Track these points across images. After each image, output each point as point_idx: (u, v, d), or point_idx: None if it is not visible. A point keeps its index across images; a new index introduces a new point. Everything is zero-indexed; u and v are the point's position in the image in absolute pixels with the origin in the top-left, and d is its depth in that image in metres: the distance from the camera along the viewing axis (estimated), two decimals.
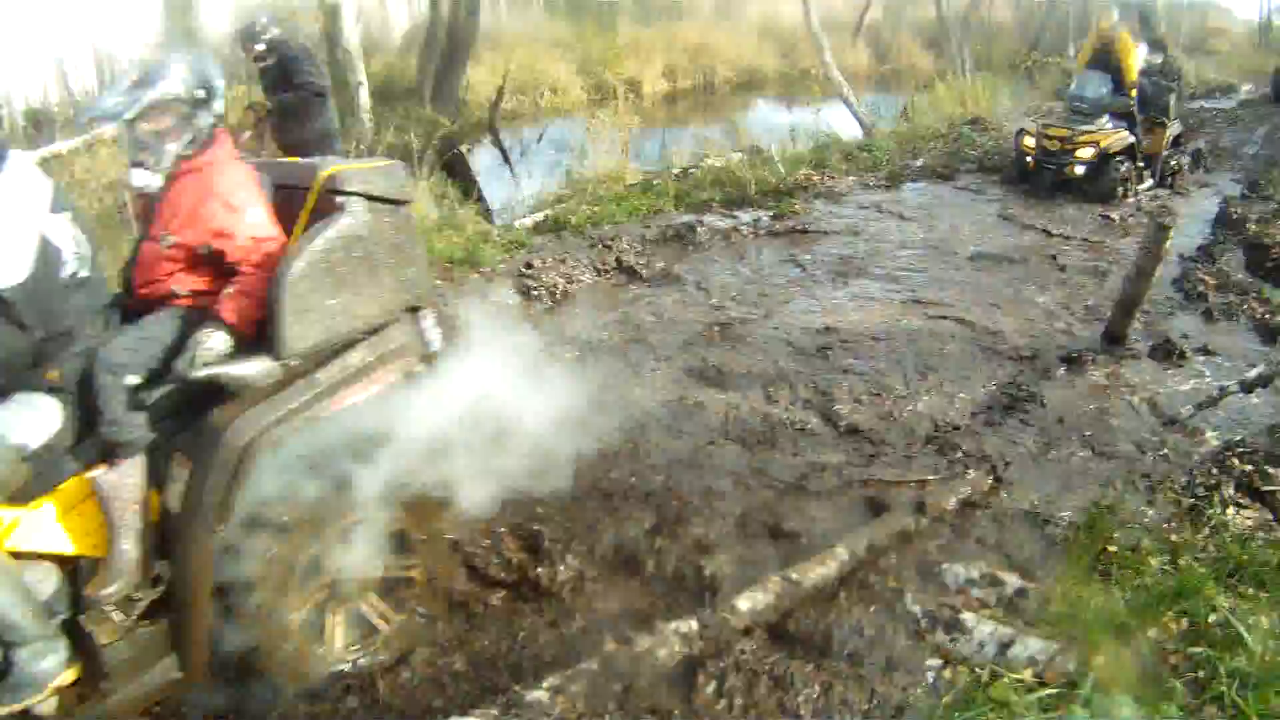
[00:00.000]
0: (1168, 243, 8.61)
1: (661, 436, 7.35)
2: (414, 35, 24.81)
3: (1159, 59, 23.15)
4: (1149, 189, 15.57)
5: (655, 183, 14.63)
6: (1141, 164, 15.51)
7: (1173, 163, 16.15)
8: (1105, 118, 15.01)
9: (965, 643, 4.87)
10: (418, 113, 19.04)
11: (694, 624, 4.80)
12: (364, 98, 17.19)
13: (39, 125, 21.40)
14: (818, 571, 5.30)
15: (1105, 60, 15.51)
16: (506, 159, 19.68)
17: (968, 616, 5.01)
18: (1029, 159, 15.51)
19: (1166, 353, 8.83)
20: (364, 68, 17.74)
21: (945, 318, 9.79)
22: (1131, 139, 15.06)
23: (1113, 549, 5.66)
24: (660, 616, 4.97)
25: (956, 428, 7.47)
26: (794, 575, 5.21)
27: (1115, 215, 14.13)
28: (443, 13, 20.21)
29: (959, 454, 7.00)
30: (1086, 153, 14.75)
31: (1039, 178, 15.46)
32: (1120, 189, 14.91)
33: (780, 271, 11.29)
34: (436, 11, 20.77)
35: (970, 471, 6.60)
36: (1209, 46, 38.19)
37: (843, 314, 9.92)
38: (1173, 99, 15.72)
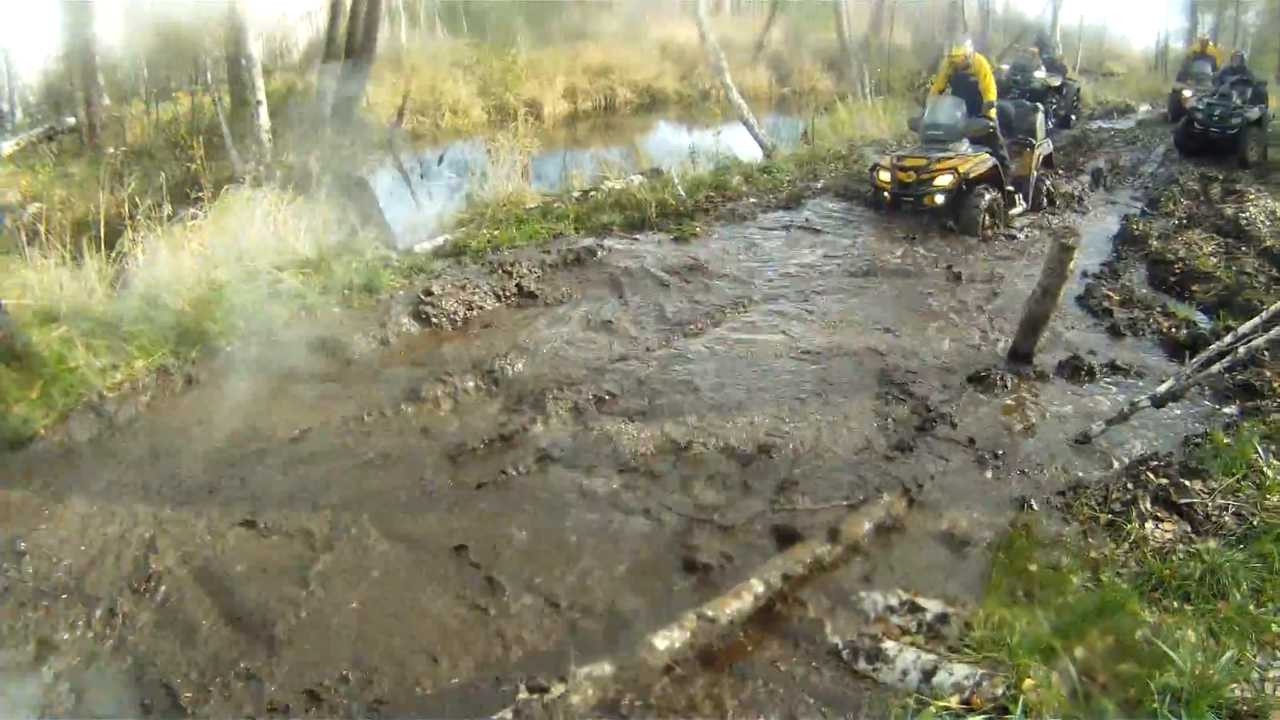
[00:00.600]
0: (1071, 262, 8.58)
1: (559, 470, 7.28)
2: (314, 53, 24.66)
3: (1057, 80, 23.77)
4: (1020, 213, 15.04)
5: (555, 206, 14.52)
6: (1011, 188, 14.91)
7: (1046, 183, 15.89)
8: (965, 143, 14.34)
9: (888, 671, 4.86)
10: (318, 133, 18.96)
11: (608, 667, 4.71)
12: (263, 117, 17.10)
13: None
14: (733, 606, 5.23)
15: (961, 84, 15.05)
16: (407, 181, 19.62)
17: (889, 645, 5.00)
18: (885, 194, 14.78)
19: (1074, 369, 8.90)
20: (264, 85, 17.63)
21: (849, 338, 9.79)
22: (994, 161, 14.37)
23: (1033, 568, 5.67)
24: (572, 660, 4.89)
25: (866, 450, 7.43)
26: (709, 612, 5.13)
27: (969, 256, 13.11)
28: (341, 30, 20.11)
29: (870, 478, 6.96)
30: (945, 180, 13.97)
31: (896, 207, 14.75)
32: (985, 218, 14.05)
33: (679, 297, 11.17)
34: (335, 29, 20.67)
35: (884, 495, 6.55)
36: (1106, 68, 38.92)
37: (744, 335, 9.92)
38: (1039, 118, 15.60)
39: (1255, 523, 6.08)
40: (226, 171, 15.66)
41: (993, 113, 14.63)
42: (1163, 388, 7.96)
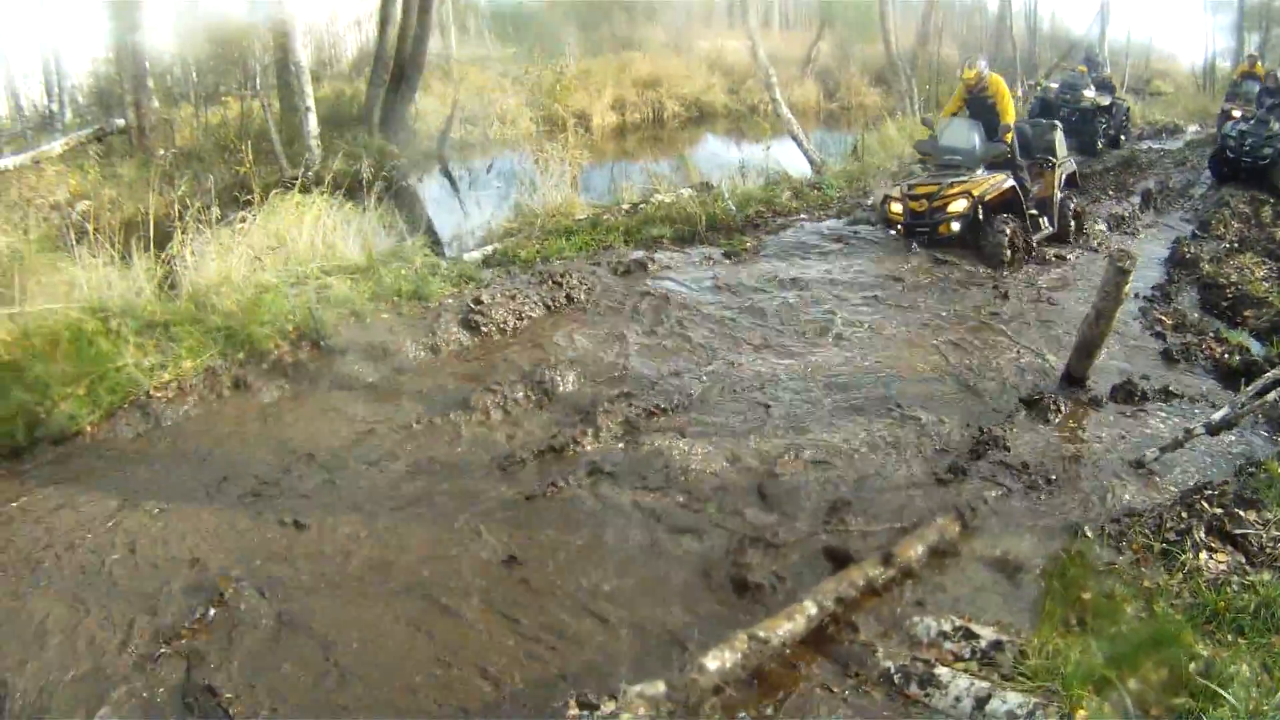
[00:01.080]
0: (1127, 285, 8.45)
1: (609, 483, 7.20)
2: (363, 60, 24.75)
3: (1107, 99, 23.44)
4: (1046, 236, 14.19)
5: (605, 218, 14.52)
6: (1034, 210, 14.03)
7: (1072, 204, 14.92)
8: (981, 170, 13.37)
9: (941, 698, 4.79)
10: (366, 140, 18.96)
11: (660, 686, 4.64)
12: (312, 123, 17.15)
13: None
14: (785, 627, 5.14)
15: (977, 106, 14.08)
16: (455, 189, 19.62)
17: (942, 671, 4.93)
18: (898, 226, 13.89)
19: (1128, 394, 8.75)
20: (312, 92, 17.66)
21: (900, 357, 9.68)
22: (1012, 183, 13.45)
23: (1087, 597, 5.57)
24: (624, 679, 4.82)
25: (918, 472, 7.34)
26: (761, 633, 5.04)
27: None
28: (391, 39, 20.15)
29: (923, 500, 6.87)
30: (959, 205, 13.15)
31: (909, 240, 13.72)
32: (1008, 250, 13.09)
33: (729, 312, 11.05)
34: (385, 37, 20.71)
35: (937, 518, 6.42)
36: (1154, 87, 38.48)
37: (796, 351, 9.81)
38: (1057, 135, 14.82)
39: None
40: (275, 176, 15.72)
41: (1010, 136, 13.70)
42: (1217, 415, 7.77)
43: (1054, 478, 7.24)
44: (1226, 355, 9.79)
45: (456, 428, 8.10)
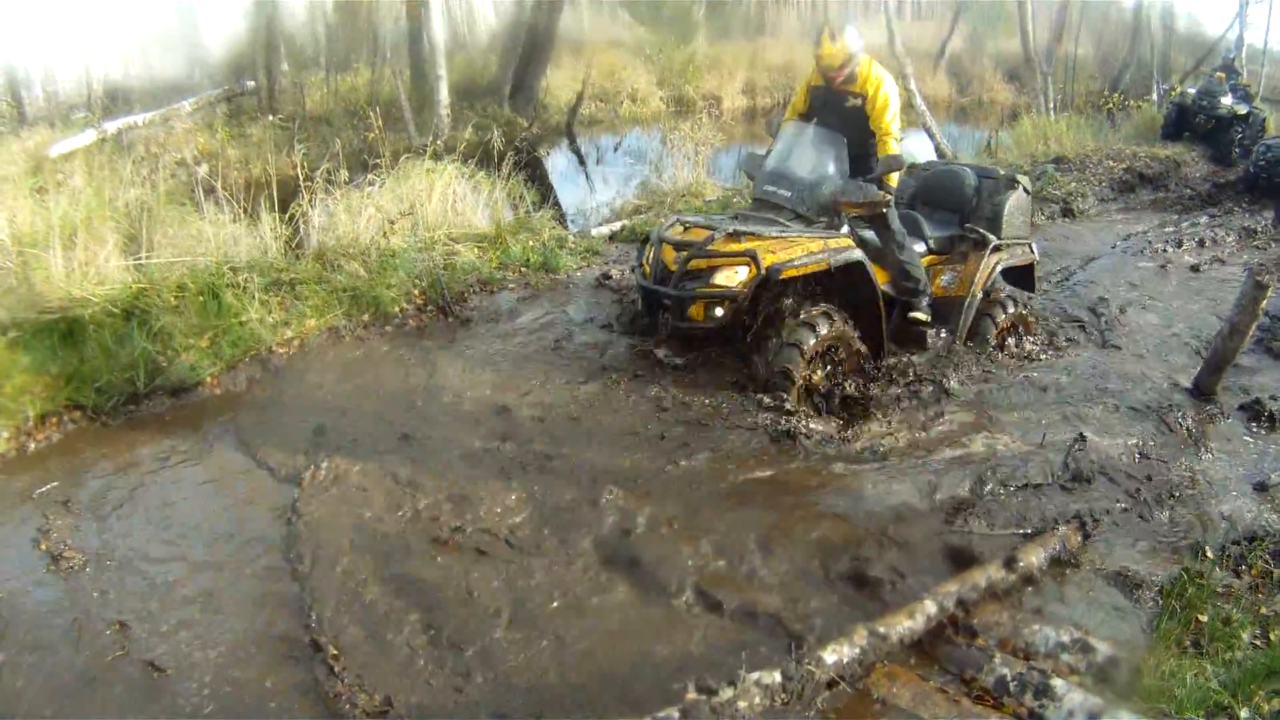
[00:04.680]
0: (1265, 300, 8.27)
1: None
2: (497, 34, 24.79)
3: (1244, 109, 22.58)
4: (928, 357, 9.05)
5: (735, 200, 14.27)
6: (921, 314, 9.02)
7: (1003, 314, 9.60)
8: (816, 224, 8.19)
9: (1055, 710, 4.66)
10: (496, 112, 18.95)
11: (777, 676, 4.58)
12: (443, 92, 17.22)
13: (115, 99, 21.78)
14: (905, 624, 5.08)
15: (836, 114, 8.53)
16: (583, 165, 19.58)
17: (1058, 683, 4.78)
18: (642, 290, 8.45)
19: (1255, 413, 8.48)
20: (445, 63, 17.72)
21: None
22: (858, 257, 8.10)
23: (1204, 619, 5.44)
24: (743, 665, 4.70)
25: (1042, 477, 7.11)
26: (880, 628, 4.99)
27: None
28: (525, 12, 20.16)
29: (1046, 507, 6.66)
30: (731, 275, 7.65)
31: (653, 325, 8.58)
32: (794, 382, 7.76)
33: None
34: (519, 12, 20.73)
35: (1060, 527, 6.26)
36: None
37: None
38: (1013, 200, 9.48)
39: None
40: (403, 143, 15.79)
41: (892, 177, 8.39)
42: None
43: (1177, 494, 7.06)
44: None
45: (591, 398, 8.00)
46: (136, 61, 23.79)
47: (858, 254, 8.16)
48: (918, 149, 18.94)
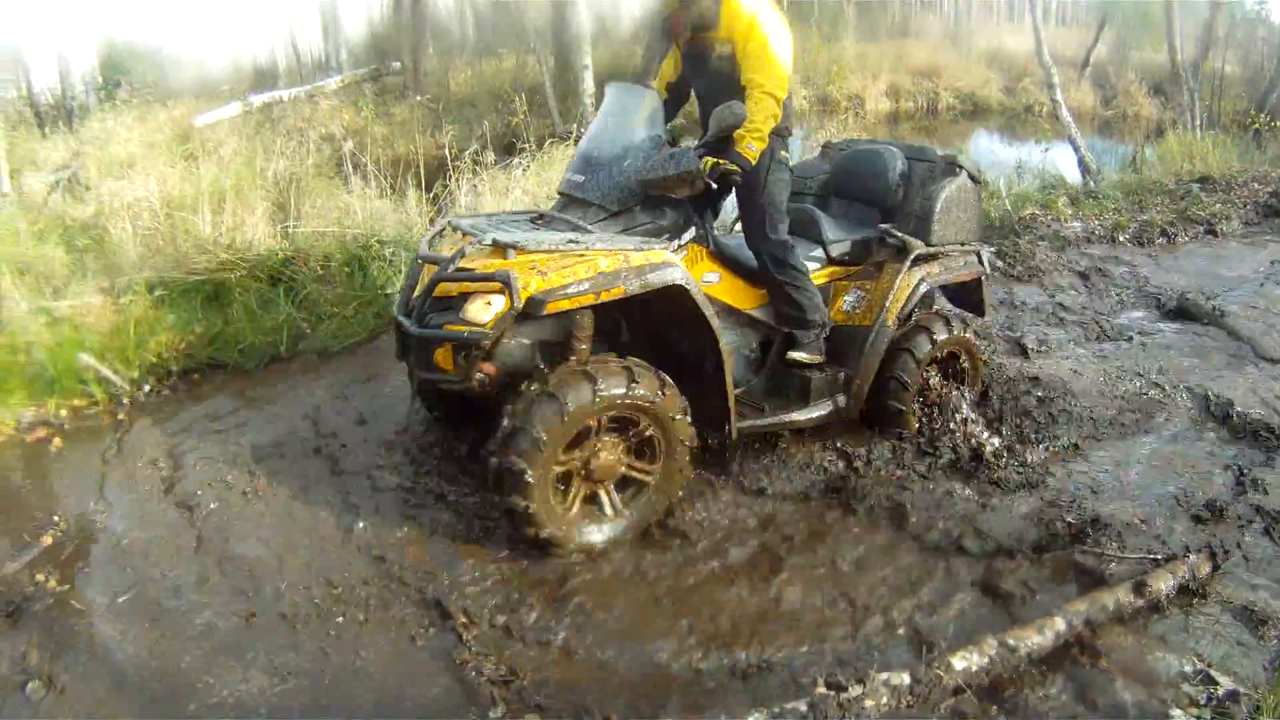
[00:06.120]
0: None
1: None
2: (640, 26, 24.81)
3: None
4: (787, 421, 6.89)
5: None
6: (800, 354, 6.86)
7: (921, 348, 7.31)
8: (624, 222, 6.21)
9: None
10: None
11: (906, 678, 4.62)
12: (588, 81, 17.31)
13: (260, 75, 22.34)
14: (1034, 639, 5.06)
15: (700, 67, 6.70)
16: None
17: (1177, 713, 4.75)
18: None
19: None
20: (590, 52, 17.83)
21: (1172, 378, 9.08)
22: (676, 278, 5.81)
23: None
24: (874, 665, 4.77)
25: (1177, 500, 6.95)
26: (1010, 640, 4.98)
27: None
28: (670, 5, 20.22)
29: (1178, 532, 6.52)
30: (479, 310, 5.52)
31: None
32: (523, 501, 5.54)
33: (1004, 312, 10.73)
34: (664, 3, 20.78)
35: (1190, 555, 6.08)
36: None
37: (1051, 365, 9.30)
38: (947, 189, 7.22)
39: None
40: (547, 128, 15.89)
41: (748, 140, 6.15)
42: None
43: None
44: None
45: None
46: (281, 40, 24.28)
47: (675, 274, 5.83)
48: (1061, 163, 18.62)
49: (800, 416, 6.88)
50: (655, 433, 5.94)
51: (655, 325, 6.33)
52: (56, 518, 6.24)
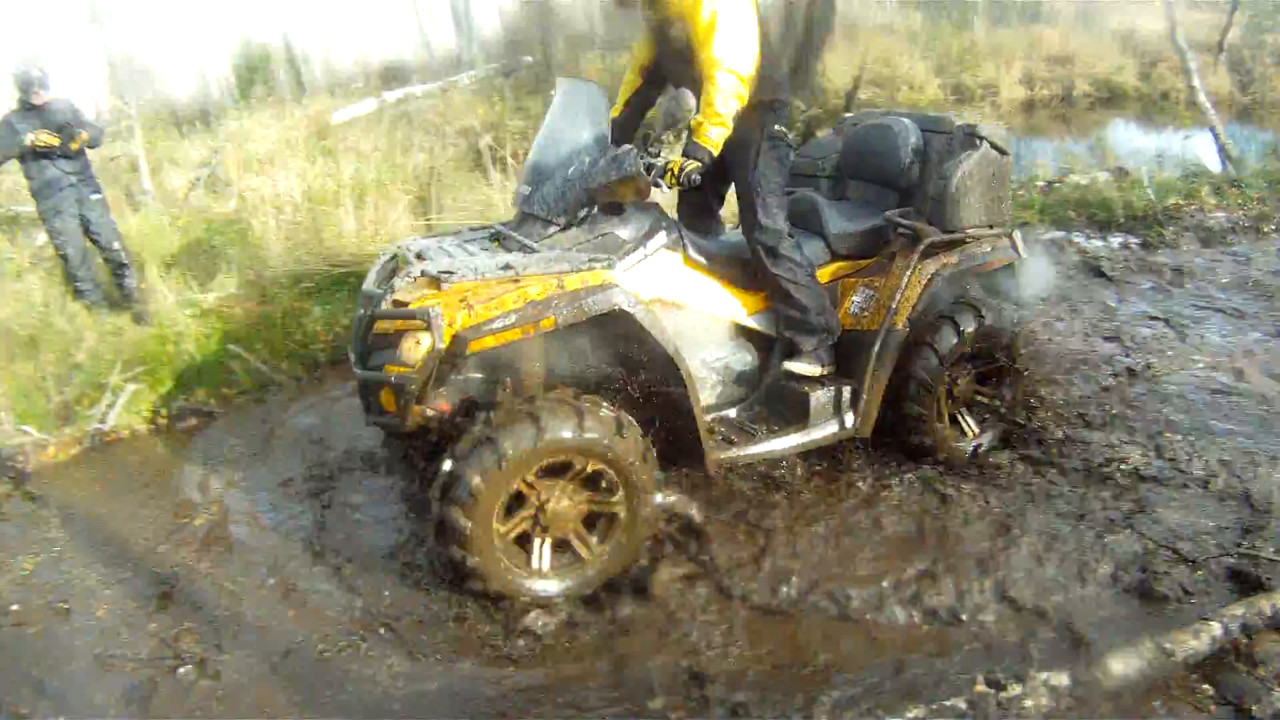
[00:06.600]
0: None
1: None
2: (772, 19, 24.75)
3: None
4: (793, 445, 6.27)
5: (1019, 193, 14.11)
6: (800, 366, 6.27)
7: (945, 342, 6.55)
8: (603, 219, 5.83)
9: None
10: None
11: (1066, 678, 4.61)
12: None
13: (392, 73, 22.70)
14: (1191, 644, 4.97)
15: (668, 47, 6.06)
16: None
17: None
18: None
19: None
20: None
21: None
22: (615, 303, 5.29)
23: None
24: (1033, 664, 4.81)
25: None
26: (1167, 644, 4.92)
27: None
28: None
29: None
30: (410, 350, 5.02)
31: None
32: (458, 545, 5.21)
33: (1139, 303, 10.58)
34: None
35: None
36: None
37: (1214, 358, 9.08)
38: (966, 163, 6.31)
39: None
40: None
41: (706, 131, 5.67)
42: None
43: None
44: None
45: None
46: (412, 38, 24.62)
47: (615, 296, 5.28)
48: (1201, 151, 18.15)
49: (797, 441, 6.20)
50: (611, 476, 5.45)
51: (616, 346, 5.75)
52: (208, 501, 6.39)
